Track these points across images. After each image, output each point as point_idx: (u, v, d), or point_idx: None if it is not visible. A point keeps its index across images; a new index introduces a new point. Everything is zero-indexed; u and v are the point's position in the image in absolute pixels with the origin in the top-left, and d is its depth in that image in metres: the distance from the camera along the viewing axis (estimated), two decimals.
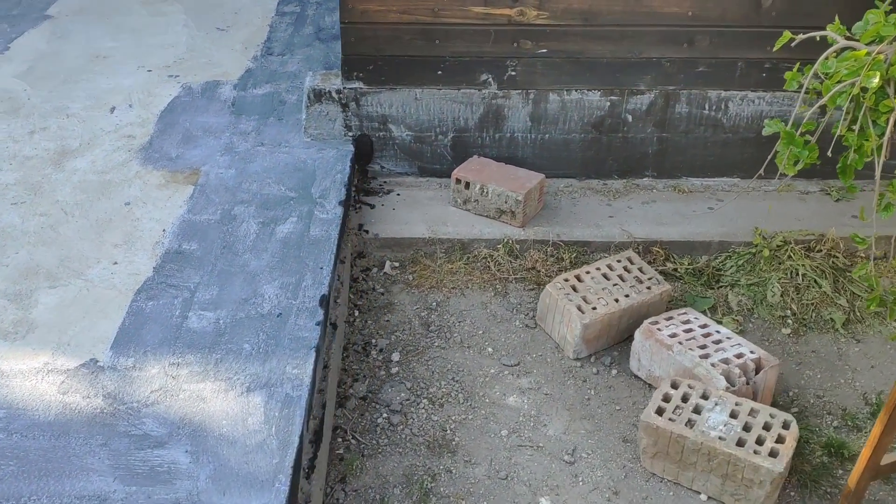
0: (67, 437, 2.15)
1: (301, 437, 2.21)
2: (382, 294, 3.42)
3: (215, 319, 2.60)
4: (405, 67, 3.66)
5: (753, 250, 3.50)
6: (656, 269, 3.48)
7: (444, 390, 2.95)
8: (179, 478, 2.05)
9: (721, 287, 3.43)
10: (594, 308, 3.05)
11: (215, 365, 2.42)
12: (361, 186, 3.84)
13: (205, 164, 3.55)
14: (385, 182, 3.91)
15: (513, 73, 3.67)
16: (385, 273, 3.52)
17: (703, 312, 3.27)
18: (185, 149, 3.68)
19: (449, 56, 3.63)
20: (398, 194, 3.83)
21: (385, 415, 2.83)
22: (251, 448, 2.13)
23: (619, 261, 3.29)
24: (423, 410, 2.86)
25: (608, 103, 3.74)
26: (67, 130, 3.84)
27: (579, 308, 3.04)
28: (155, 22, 5.22)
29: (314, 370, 2.44)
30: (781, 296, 3.33)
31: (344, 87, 3.70)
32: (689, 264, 3.53)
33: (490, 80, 3.69)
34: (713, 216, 3.67)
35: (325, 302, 2.71)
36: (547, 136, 3.83)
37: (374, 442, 2.73)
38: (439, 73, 3.67)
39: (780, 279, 3.37)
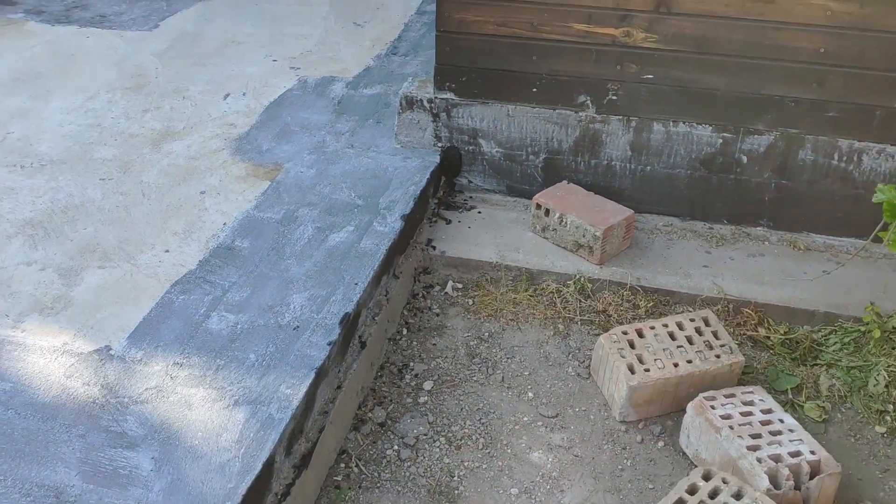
0: (54, 421, 2.20)
1: (269, 463, 2.12)
2: (437, 315, 3.27)
3: (234, 323, 2.58)
4: (499, 81, 3.47)
5: (863, 328, 3.01)
6: (745, 333, 3.09)
7: (466, 431, 2.77)
8: (135, 484, 2.03)
9: (815, 365, 2.98)
10: (647, 370, 2.74)
11: (215, 371, 2.39)
12: (445, 199, 3.70)
13: (290, 160, 3.56)
14: (471, 197, 3.75)
15: (614, 98, 3.38)
16: (446, 293, 3.37)
17: (784, 392, 2.85)
18: (277, 143, 3.71)
19: (546, 73, 3.40)
20: (479, 212, 3.65)
21: (396, 447, 2.70)
22: (213, 467, 2.08)
23: (692, 319, 2.93)
24: (438, 450, 2.69)
25: (720, 140, 3.35)
26: (178, 112, 4.00)
27: (630, 368, 2.74)
28: (298, 12, 5.35)
29: (308, 392, 2.35)
30: (886, 386, 2.84)
31: (436, 97, 3.58)
32: (784, 333, 3.09)
33: (588, 102, 3.42)
34: (824, 282, 3.20)
35: (345, 321, 2.60)
36: (648, 168, 3.51)
37: (375, 474, 2.60)
38: (534, 90, 3.45)
39: (888, 367, 2.87)
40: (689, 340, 2.85)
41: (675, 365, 2.75)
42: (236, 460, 2.10)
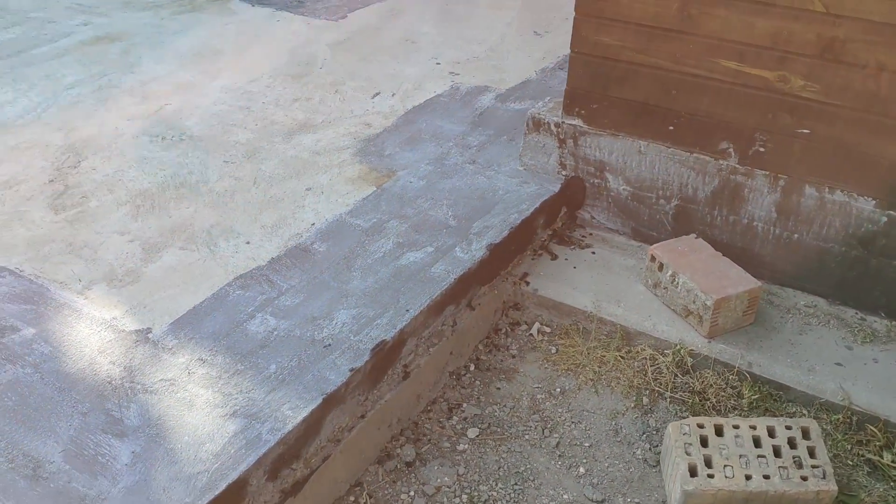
0: (66, 394, 2.26)
1: (238, 485, 2.03)
2: (513, 357, 3.02)
3: (272, 329, 2.52)
4: (633, 114, 3.11)
5: None
6: (863, 455, 2.53)
7: (494, 494, 2.50)
8: (105, 475, 2.02)
9: None
10: (710, 476, 2.31)
11: (231, 376, 2.34)
12: (561, 233, 3.41)
13: (405, 168, 3.46)
14: (590, 234, 3.42)
15: (761, 150, 2.90)
16: (530, 335, 3.10)
17: None
18: (401, 149, 3.62)
19: (685, 112, 2.99)
20: (593, 252, 3.32)
21: (413, 492, 2.50)
22: (181, 477, 2.02)
23: (788, 427, 2.43)
24: None
25: (885, 218, 2.76)
26: (324, 106, 4.04)
27: (691, 469, 2.33)
28: (484, 16, 5.24)
29: (310, 418, 2.22)
30: None
31: (563, 121, 3.29)
32: None
33: (731, 150, 2.97)
34: None
35: (379, 348, 2.45)
36: (796, 236, 2.98)
37: None
38: (671, 128, 3.05)
39: None
40: (776, 452, 2.36)
41: (748, 477, 2.29)
42: (205, 474, 2.02)
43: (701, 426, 2.45)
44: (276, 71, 4.42)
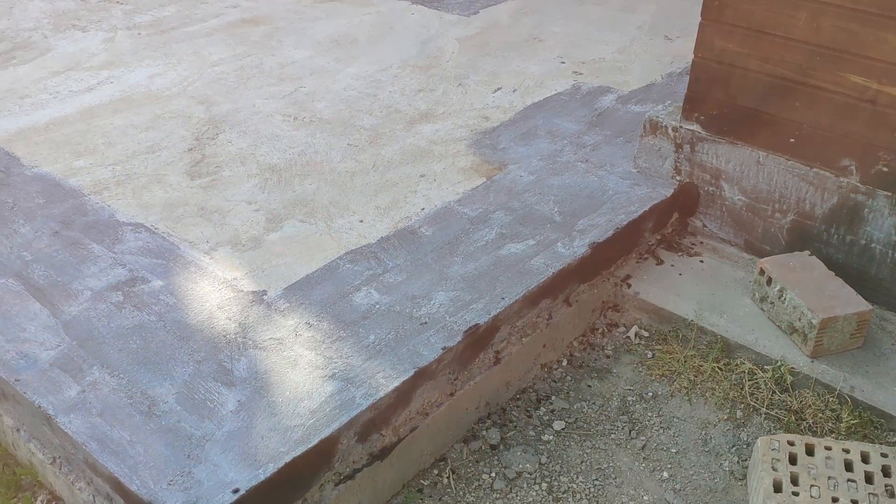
0: (185, 342, 2.47)
1: (329, 441, 2.17)
2: (608, 357, 3.04)
3: (375, 302, 2.65)
4: (753, 123, 3.06)
5: None
6: None
7: (574, 486, 2.55)
8: (211, 419, 2.20)
9: None
10: (795, 494, 2.27)
11: (333, 341, 2.49)
12: (670, 238, 3.39)
13: (516, 163, 3.53)
14: (700, 243, 3.38)
15: (884, 169, 2.79)
16: (627, 337, 3.11)
17: None
18: (515, 144, 3.69)
19: (808, 125, 2.92)
20: (702, 261, 3.28)
21: (494, 474, 2.58)
22: (278, 428, 2.18)
23: (884, 455, 2.35)
24: (534, 494, 2.52)
25: None
26: (446, 98, 4.17)
27: (776, 485, 2.29)
28: (615, 18, 5.23)
29: (401, 388, 2.34)
30: None
31: (681, 126, 3.27)
32: None
33: (852, 168, 2.87)
34: None
35: (472, 331, 2.53)
36: None
37: (460, 494, 2.51)
38: (791, 140, 2.98)
39: None
40: (868, 478, 2.29)
41: (834, 500, 2.24)
42: (300, 428, 2.17)
43: (791, 443, 2.41)
44: (404, 62, 4.58)
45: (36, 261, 2.84)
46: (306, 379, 2.34)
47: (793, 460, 2.36)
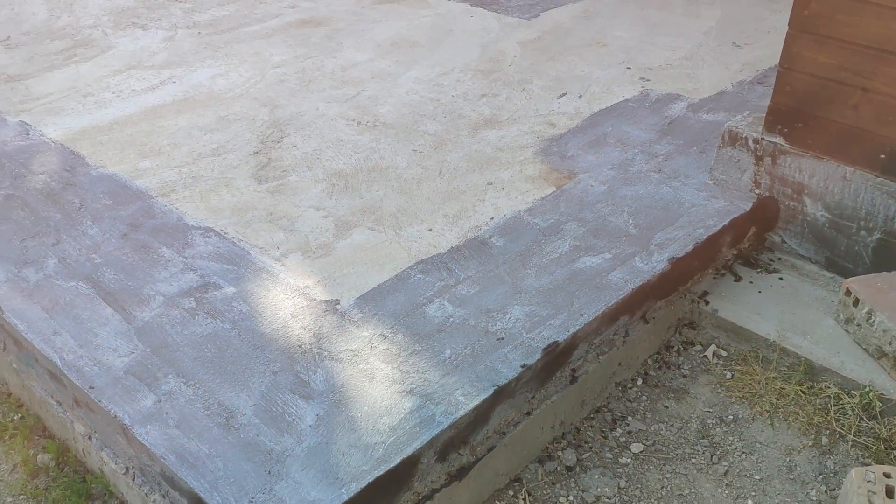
0: (260, 352, 2.43)
1: (410, 461, 2.10)
2: (684, 377, 2.94)
3: (449, 315, 2.58)
4: (841, 138, 2.93)
5: None
6: None
7: None
8: (290, 433, 2.15)
9: None
10: None
11: (409, 355, 2.42)
12: (747, 254, 3.27)
13: (586, 172, 3.44)
14: (778, 259, 3.27)
15: None
16: (704, 356, 3.01)
17: None
18: (584, 152, 3.60)
19: None
20: (781, 278, 3.17)
21: (572, 498, 2.49)
22: (359, 445, 2.12)
23: None
24: None
25: None
26: (510, 103, 4.09)
27: None
28: (680, 23, 5.12)
29: (481, 406, 2.27)
30: None
31: (763, 138, 3.15)
32: None
33: None
34: None
35: (551, 348, 2.45)
36: None
37: None
38: (882, 156, 2.86)
39: None
40: None
41: None
42: (381, 446, 2.11)
43: (888, 475, 2.29)
44: (466, 66, 4.51)
45: (106, 264, 2.81)
46: (384, 393, 2.28)
47: (889, 493, 2.25)
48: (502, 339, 2.49)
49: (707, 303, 3.05)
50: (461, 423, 2.23)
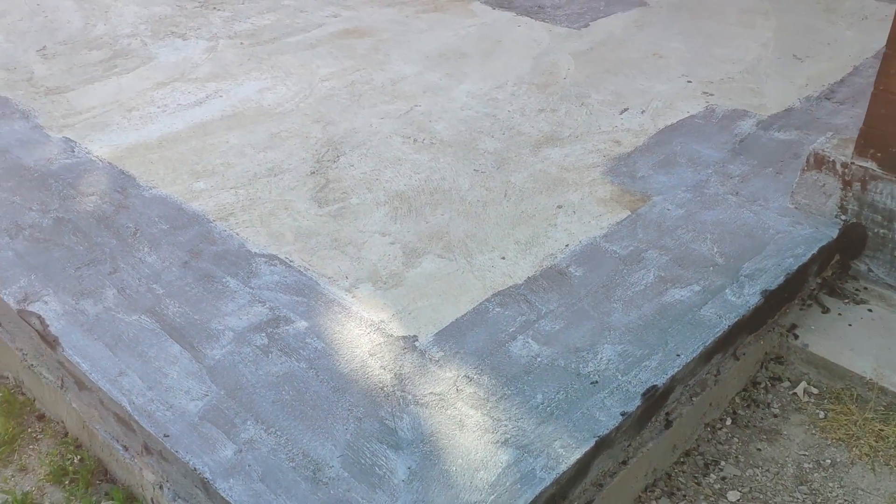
0: (342, 395, 2.28)
1: None
2: (775, 416, 2.78)
3: (536, 354, 2.43)
4: None
5: None
6: None
7: None
8: (383, 489, 2.01)
9: None
10: None
11: (498, 399, 2.27)
12: (832, 283, 3.11)
13: (661, 194, 3.28)
14: (865, 289, 3.10)
15: None
16: (794, 394, 2.85)
17: None
18: (654, 172, 3.45)
19: None
20: (870, 310, 3.00)
21: None
22: (459, 502, 1.97)
23: None
24: None
25: None
26: (570, 118, 3.93)
27: None
28: (737, 34, 4.95)
29: (583, 460, 2.11)
30: None
31: (852, 162, 2.99)
32: None
33: None
34: None
35: (650, 394, 2.30)
36: None
37: None
38: None
39: None
40: None
41: None
42: None
43: None
44: (519, 79, 4.36)
45: (168, 295, 2.67)
46: (477, 444, 2.13)
47: None
48: (596, 382, 2.33)
49: (796, 336, 2.90)
50: (563, 478, 2.08)
